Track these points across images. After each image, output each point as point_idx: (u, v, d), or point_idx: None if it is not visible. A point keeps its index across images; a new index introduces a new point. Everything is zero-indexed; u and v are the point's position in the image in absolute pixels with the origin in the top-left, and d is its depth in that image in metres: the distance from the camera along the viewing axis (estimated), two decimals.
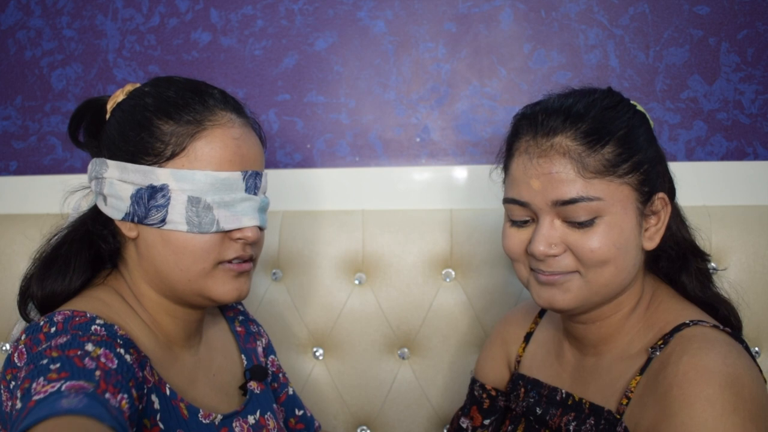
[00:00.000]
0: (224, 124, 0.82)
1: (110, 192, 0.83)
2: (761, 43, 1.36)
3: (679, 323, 0.81)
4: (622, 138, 0.80)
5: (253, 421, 0.92)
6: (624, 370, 0.83)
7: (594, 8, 1.40)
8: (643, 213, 0.82)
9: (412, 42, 1.44)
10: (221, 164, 0.81)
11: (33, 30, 1.55)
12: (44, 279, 0.83)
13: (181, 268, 0.81)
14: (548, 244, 0.80)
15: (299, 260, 1.38)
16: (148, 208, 0.80)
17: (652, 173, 0.82)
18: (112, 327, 0.75)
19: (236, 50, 1.49)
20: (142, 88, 0.86)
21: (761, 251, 1.24)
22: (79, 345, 0.68)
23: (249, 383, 0.95)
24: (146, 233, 0.82)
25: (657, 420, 0.74)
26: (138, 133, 0.81)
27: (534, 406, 0.94)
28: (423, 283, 1.35)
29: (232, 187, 0.82)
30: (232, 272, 0.84)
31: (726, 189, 1.31)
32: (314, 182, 1.44)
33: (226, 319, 1.03)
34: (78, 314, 0.74)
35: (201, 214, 0.80)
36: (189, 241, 0.80)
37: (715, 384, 0.71)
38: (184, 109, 0.81)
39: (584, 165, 0.78)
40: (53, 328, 0.72)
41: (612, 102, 0.83)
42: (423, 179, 1.42)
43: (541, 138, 0.81)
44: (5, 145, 1.57)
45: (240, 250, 0.84)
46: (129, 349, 0.74)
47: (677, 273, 0.88)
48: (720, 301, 0.87)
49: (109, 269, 0.89)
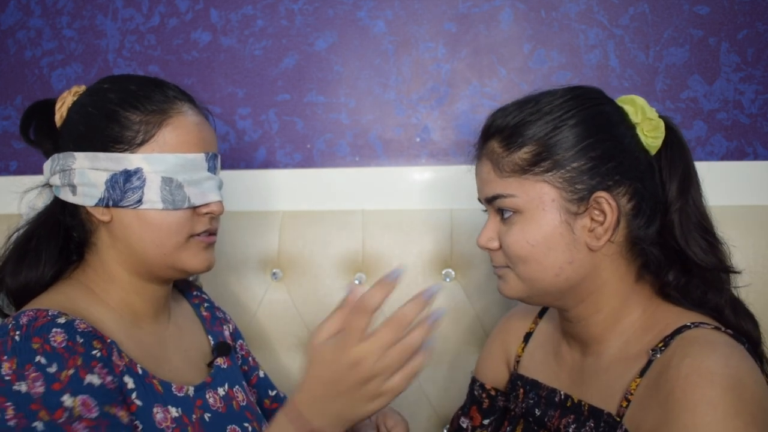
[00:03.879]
0: (185, 112, 0.91)
1: (81, 181, 0.88)
2: (761, 43, 1.36)
3: (681, 325, 0.80)
4: (541, 140, 0.83)
5: (222, 393, 0.98)
6: (623, 371, 0.83)
7: (594, 8, 1.40)
8: (578, 212, 0.82)
9: (412, 42, 1.44)
10: (188, 147, 0.90)
11: (33, 30, 1.55)
12: (17, 273, 0.88)
13: (157, 244, 0.89)
14: (486, 238, 0.88)
15: (299, 260, 1.38)
16: (124, 190, 0.87)
17: (590, 171, 0.82)
18: (72, 324, 0.79)
19: (236, 50, 1.49)
20: (100, 85, 0.93)
21: (761, 251, 1.24)
22: (54, 398, 0.74)
23: (216, 360, 1.02)
24: (121, 215, 0.89)
25: (659, 423, 0.73)
26: (107, 124, 0.88)
27: (533, 408, 0.93)
28: (423, 283, 1.35)
29: (197, 167, 0.90)
30: (202, 244, 0.93)
31: (726, 189, 1.31)
32: (314, 182, 1.44)
33: (192, 306, 1.10)
34: (41, 314, 0.79)
35: (174, 192, 0.88)
36: (164, 218, 0.89)
37: (717, 387, 0.70)
38: (147, 101, 0.89)
39: (500, 165, 0.85)
40: (18, 332, 0.77)
41: (551, 105, 0.84)
42: (423, 179, 1.42)
43: (481, 142, 0.90)
44: (5, 145, 1.57)
45: (207, 223, 0.93)
46: (92, 342, 0.80)
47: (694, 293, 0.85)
48: (741, 315, 0.85)
49: (75, 263, 0.94)
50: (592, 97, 0.86)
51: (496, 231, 0.88)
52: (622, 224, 0.83)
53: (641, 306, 0.86)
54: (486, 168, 0.87)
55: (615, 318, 0.86)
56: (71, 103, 0.93)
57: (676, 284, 0.85)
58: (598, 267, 0.84)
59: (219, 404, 0.96)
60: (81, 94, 0.94)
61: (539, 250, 0.82)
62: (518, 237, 0.83)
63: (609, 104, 0.87)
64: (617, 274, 0.85)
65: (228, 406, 0.97)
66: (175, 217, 0.89)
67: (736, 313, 0.84)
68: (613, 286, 0.85)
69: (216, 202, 0.93)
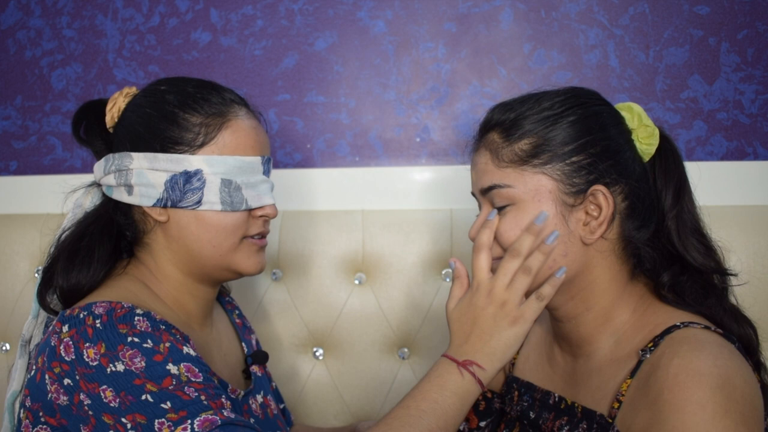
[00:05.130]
0: (242, 116, 0.92)
1: (139, 181, 0.89)
2: (761, 43, 1.36)
3: (670, 325, 0.80)
4: (541, 132, 0.83)
5: (261, 400, 1.00)
6: (614, 372, 0.83)
7: (594, 8, 1.40)
8: (574, 205, 0.82)
9: (412, 42, 1.44)
10: (245, 150, 0.91)
11: (33, 30, 1.55)
12: (69, 271, 0.87)
13: (214, 245, 0.90)
14: (477, 230, 0.87)
15: (299, 260, 1.38)
16: (184, 191, 0.88)
17: (589, 166, 0.82)
18: (150, 314, 0.80)
19: (236, 50, 1.49)
20: (156, 87, 0.94)
21: (761, 251, 1.24)
22: (159, 368, 0.76)
23: (251, 366, 1.04)
24: (178, 216, 0.90)
25: (648, 424, 0.73)
26: (167, 126, 0.89)
27: (528, 410, 0.94)
28: (423, 283, 1.35)
29: (254, 170, 0.92)
30: (255, 246, 0.94)
31: (726, 189, 1.31)
32: (314, 182, 1.44)
33: (226, 312, 1.11)
34: (116, 306, 0.80)
35: (233, 194, 0.89)
36: (222, 219, 0.90)
37: (705, 387, 0.70)
38: (206, 103, 0.90)
39: (499, 156, 0.85)
40: (98, 320, 0.78)
41: (551, 102, 0.85)
42: (423, 179, 1.42)
43: (480, 134, 0.90)
44: (5, 145, 1.58)
45: (261, 226, 0.95)
46: (171, 330, 0.81)
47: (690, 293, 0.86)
48: (739, 321, 0.85)
49: (127, 259, 0.94)
50: (591, 97, 0.88)
51: None
52: (616, 222, 0.84)
53: (632, 306, 0.86)
54: (484, 158, 0.87)
55: (605, 317, 0.86)
56: (124, 104, 0.93)
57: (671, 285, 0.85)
58: (590, 263, 0.84)
59: (258, 411, 0.98)
60: (134, 95, 0.94)
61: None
62: (512, 225, 0.83)
63: (606, 106, 0.89)
64: (609, 272, 0.85)
65: (264, 413, 0.99)
66: (232, 219, 0.90)
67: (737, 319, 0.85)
68: (604, 283, 0.85)
69: (270, 205, 0.94)
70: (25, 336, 0.94)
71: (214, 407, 0.75)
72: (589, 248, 0.84)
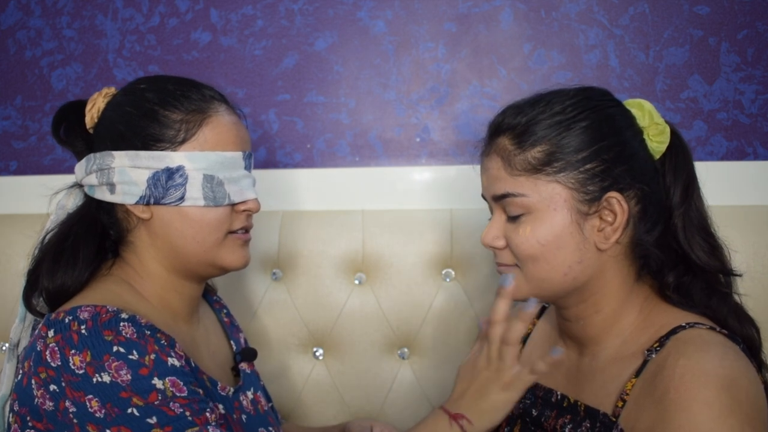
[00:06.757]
0: (222, 112, 0.93)
1: (121, 179, 0.89)
2: (761, 43, 1.36)
3: (675, 325, 0.81)
4: (554, 139, 0.82)
5: (251, 396, 1.01)
6: (619, 371, 0.83)
7: (594, 8, 1.40)
8: (588, 212, 0.82)
9: (412, 42, 1.44)
10: (227, 145, 0.91)
11: (33, 30, 1.55)
12: (54, 272, 0.87)
13: (198, 240, 0.90)
14: (491, 237, 0.87)
15: (299, 260, 1.38)
16: (167, 188, 0.88)
17: (603, 173, 0.82)
18: (135, 318, 0.80)
19: (236, 50, 1.49)
20: (135, 86, 0.94)
21: (761, 251, 1.24)
22: (144, 382, 0.76)
23: (240, 364, 1.04)
24: (161, 212, 0.90)
25: (654, 423, 0.73)
26: (147, 123, 0.89)
27: (530, 408, 0.94)
28: (423, 283, 1.35)
29: (236, 165, 0.92)
30: (239, 241, 0.94)
31: (726, 189, 1.31)
32: (314, 182, 1.44)
33: (213, 310, 1.11)
34: (101, 310, 0.80)
35: (215, 190, 0.90)
36: (205, 215, 0.90)
37: (711, 387, 0.70)
38: (186, 100, 0.90)
39: (511, 163, 0.84)
40: (83, 326, 0.77)
41: (563, 105, 0.84)
42: (423, 179, 1.42)
43: (490, 137, 0.88)
44: (5, 145, 1.57)
45: (245, 220, 0.95)
46: (156, 334, 0.81)
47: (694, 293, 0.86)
48: (742, 319, 0.85)
49: (112, 259, 0.94)
50: (603, 99, 0.87)
51: (501, 229, 0.87)
52: (630, 226, 0.84)
53: (638, 307, 0.86)
54: (495, 165, 0.86)
55: (614, 319, 0.86)
56: (103, 104, 0.94)
57: (676, 285, 0.85)
58: (603, 268, 0.84)
59: (250, 407, 0.98)
60: (113, 95, 0.95)
61: (549, 249, 0.82)
62: (528, 236, 0.83)
63: (618, 107, 0.87)
64: (620, 275, 0.85)
65: (255, 409, 1.00)
66: (215, 214, 0.90)
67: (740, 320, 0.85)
68: (614, 287, 0.85)
69: (253, 200, 0.95)
70: (12, 340, 0.94)
71: (199, 423, 0.76)
72: (603, 254, 0.84)
